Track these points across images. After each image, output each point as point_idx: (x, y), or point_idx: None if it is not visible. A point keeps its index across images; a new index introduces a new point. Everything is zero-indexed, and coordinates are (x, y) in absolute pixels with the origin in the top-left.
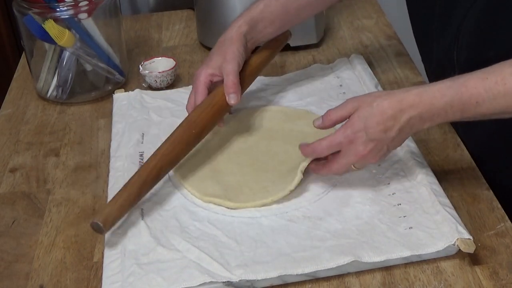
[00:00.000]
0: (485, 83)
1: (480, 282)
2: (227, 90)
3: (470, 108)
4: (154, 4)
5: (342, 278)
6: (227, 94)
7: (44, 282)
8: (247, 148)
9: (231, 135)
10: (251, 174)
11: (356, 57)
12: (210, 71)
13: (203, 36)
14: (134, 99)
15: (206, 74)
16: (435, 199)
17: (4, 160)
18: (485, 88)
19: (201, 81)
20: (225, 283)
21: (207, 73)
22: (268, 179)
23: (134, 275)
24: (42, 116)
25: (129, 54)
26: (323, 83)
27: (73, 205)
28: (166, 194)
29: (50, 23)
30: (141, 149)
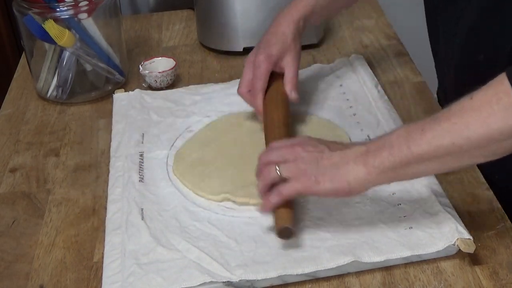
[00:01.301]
0: (434, 115)
1: (480, 282)
2: (288, 85)
3: (415, 137)
4: (154, 4)
5: (342, 278)
6: (289, 90)
7: (44, 282)
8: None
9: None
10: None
11: (356, 57)
12: (273, 60)
13: (203, 36)
14: (134, 99)
15: (269, 63)
16: (435, 199)
17: (4, 160)
18: (433, 117)
19: (264, 69)
20: (225, 283)
21: (270, 62)
22: None
23: (134, 275)
24: (42, 116)
25: (129, 54)
26: (323, 83)
27: (73, 205)
28: (166, 194)
29: (50, 23)
30: (141, 149)
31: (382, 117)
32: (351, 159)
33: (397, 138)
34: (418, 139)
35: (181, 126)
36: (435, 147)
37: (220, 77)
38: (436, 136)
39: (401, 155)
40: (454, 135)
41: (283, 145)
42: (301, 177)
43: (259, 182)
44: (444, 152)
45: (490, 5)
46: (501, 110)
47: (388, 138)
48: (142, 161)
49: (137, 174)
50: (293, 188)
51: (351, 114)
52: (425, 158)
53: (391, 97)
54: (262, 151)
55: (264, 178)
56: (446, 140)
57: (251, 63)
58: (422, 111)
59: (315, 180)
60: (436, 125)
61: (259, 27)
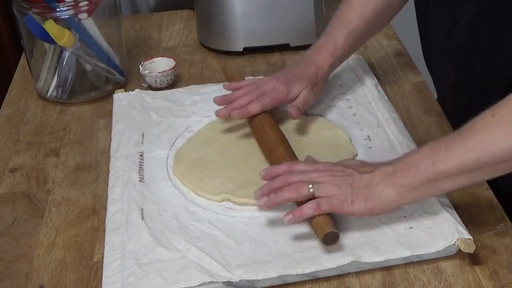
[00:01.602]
0: (457, 132)
1: (480, 282)
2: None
3: (440, 155)
4: (154, 4)
5: (342, 278)
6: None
7: (44, 282)
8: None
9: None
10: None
11: (356, 57)
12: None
13: (203, 36)
14: (134, 99)
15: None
16: (435, 199)
17: (4, 160)
18: (455, 134)
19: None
20: (225, 283)
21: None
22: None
23: (134, 275)
24: (42, 116)
25: (129, 54)
26: None
27: (73, 205)
28: (166, 194)
29: (50, 23)
30: (141, 149)
31: (382, 117)
32: (380, 180)
33: (423, 158)
34: (443, 157)
35: (181, 126)
36: (460, 164)
37: (220, 77)
38: (461, 154)
39: (427, 173)
40: (479, 151)
41: (310, 169)
42: (336, 196)
43: (282, 198)
44: (470, 168)
45: (482, 16)
46: None
47: (413, 157)
48: (142, 161)
49: (137, 174)
50: (331, 204)
51: (351, 114)
52: (452, 174)
53: (391, 97)
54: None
55: (293, 193)
56: (471, 157)
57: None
58: (422, 111)
59: (350, 200)
60: (461, 142)
61: (259, 27)
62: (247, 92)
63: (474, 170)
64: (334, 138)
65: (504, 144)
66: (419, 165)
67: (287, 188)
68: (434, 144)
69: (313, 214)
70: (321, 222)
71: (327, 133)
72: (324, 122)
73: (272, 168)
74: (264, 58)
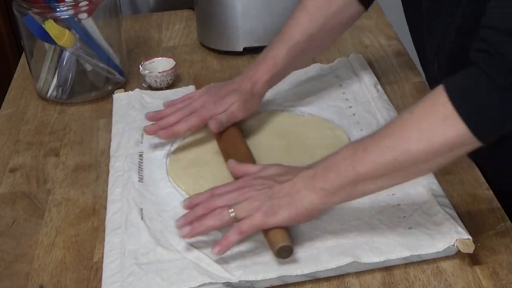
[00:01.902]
0: (375, 133)
1: (480, 282)
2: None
3: (359, 156)
4: (154, 4)
5: (342, 278)
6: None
7: (44, 282)
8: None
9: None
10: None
11: (356, 57)
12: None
13: (203, 36)
14: (134, 99)
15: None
16: (434, 200)
17: (4, 160)
18: (373, 135)
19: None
20: (224, 283)
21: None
22: None
23: (134, 275)
24: (42, 116)
25: (129, 54)
26: (323, 83)
27: (73, 205)
28: (165, 194)
29: (50, 23)
30: (141, 149)
31: (382, 117)
32: (302, 186)
33: (343, 160)
34: (362, 158)
35: None
36: (379, 165)
37: (220, 77)
38: (379, 154)
39: (347, 175)
40: (396, 151)
41: (229, 189)
42: (257, 213)
43: (205, 226)
44: (388, 169)
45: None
46: (440, 124)
47: (334, 159)
48: (141, 161)
49: (137, 174)
50: (252, 224)
51: (351, 114)
52: (372, 176)
53: (391, 97)
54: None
55: (216, 221)
56: (388, 157)
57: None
58: None
59: (272, 212)
60: (378, 142)
61: (259, 27)
62: (177, 110)
63: (393, 171)
64: (333, 138)
65: (420, 143)
66: (339, 167)
67: (209, 216)
68: (354, 145)
69: (239, 239)
70: (273, 238)
71: (326, 132)
72: (323, 121)
73: (194, 197)
74: None
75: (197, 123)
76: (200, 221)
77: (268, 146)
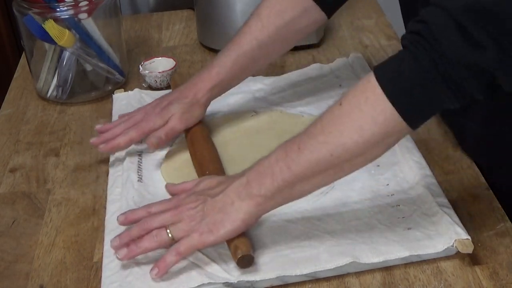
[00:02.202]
0: (307, 130)
1: (480, 282)
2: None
3: (293, 156)
4: (154, 4)
5: (342, 278)
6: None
7: (44, 282)
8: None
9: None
10: None
11: (356, 57)
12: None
13: (203, 36)
14: (134, 99)
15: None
16: (433, 200)
17: (4, 160)
18: (306, 132)
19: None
20: (224, 284)
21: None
22: None
23: (133, 275)
24: (42, 116)
25: (129, 54)
26: (323, 83)
27: (73, 205)
28: (165, 194)
29: (50, 23)
30: (140, 149)
31: None
32: (235, 197)
33: (276, 162)
34: (296, 158)
35: None
36: (314, 162)
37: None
38: (313, 151)
39: (283, 177)
40: (331, 146)
41: (165, 208)
42: (193, 233)
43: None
44: (324, 166)
45: None
46: (370, 110)
47: (267, 162)
48: (140, 161)
49: (136, 174)
50: (190, 244)
51: None
52: (308, 175)
53: None
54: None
55: (153, 243)
56: (323, 153)
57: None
58: None
59: (208, 231)
60: (311, 139)
61: None
62: (122, 121)
63: (329, 167)
64: None
65: (355, 134)
66: (274, 170)
67: (147, 238)
68: (287, 145)
69: (178, 260)
70: (233, 248)
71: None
72: None
73: (129, 213)
74: None
75: (136, 136)
76: (137, 244)
77: (268, 146)
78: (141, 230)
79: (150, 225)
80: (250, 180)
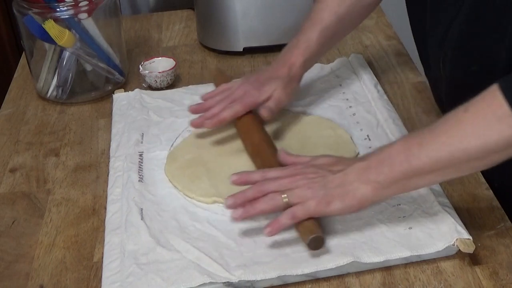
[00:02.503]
0: (431, 127)
1: (480, 282)
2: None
3: (414, 152)
4: (154, 4)
5: (342, 278)
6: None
7: (44, 282)
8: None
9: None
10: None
11: (356, 57)
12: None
13: (203, 36)
14: (134, 99)
15: (256, 97)
16: (434, 199)
17: (4, 160)
18: (430, 129)
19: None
20: (224, 283)
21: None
22: None
23: (134, 275)
24: (42, 116)
25: (129, 54)
26: (323, 83)
27: (73, 205)
28: (165, 194)
29: (50, 23)
30: (141, 149)
31: (382, 117)
32: (355, 178)
33: (397, 153)
34: (417, 153)
35: (180, 126)
36: (434, 160)
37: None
38: (434, 149)
39: (402, 169)
40: (452, 148)
41: (282, 175)
42: (310, 200)
43: (258, 210)
44: (443, 165)
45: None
46: (496, 123)
47: (388, 152)
48: (141, 161)
49: (137, 174)
50: (306, 210)
51: (351, 114)
52: (426, 171)
53: (391, 97)
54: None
55: (268, 206)
56: (444, 153)
57: (242, 90)
58: (422, 111)
59: (325, 202)
60: (434, 138)
61: (259, 27)
62: (219, 100)
63: (447, 167)
64: (335, 137)
65: (476, 141)
66: (394, 161)
67: (262, 200)
68: (409, 139)
69: (291, 224)
70: (305, 228)
71: (327, 132)
72: (324, 121)
73: (244, 175)
74: (264, 58)
75: (242, 110)
76: (252, 205)
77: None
78: (257, 192)
79: (266, 188)
80: (370, 165)
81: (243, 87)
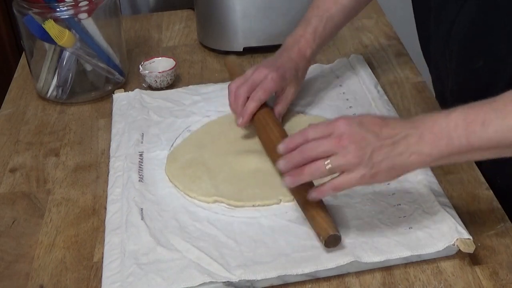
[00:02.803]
0: (493, 105)
1: (480, 282)
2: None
3: (475, 129)
4: (154, 4)
5: (342, 278)
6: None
7: (44, 282)
8: (247, 148)
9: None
10: (254, 175)
11: (356, 57)
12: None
13: (203, 36)
14: (134, 99)
15: (279, 85)
16: (435, 199)
17: (4, 160)
18: (492, 107)
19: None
20: (225, 283)
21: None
22: (270, 181)
23: (134, 275)
24: (42, 116)
25: (129, 54)
26: (323, 83)
27: (73, 205)
28: (165, 194)
29: (50, 23)
30: (141, 149)
31: None
32: (404, 149)
33: (455, 128)
34: (479, 132)
35: (181, 126)
36: (495, 141)
37: (220, 77)
38: (499, 131)
39: (460, 145)
40: None
41: (321, 134)
42: (355, 172)
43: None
44: (504, 145)
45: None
46: None
47: (445, 124)
48: (141, 161)
49: (137, 174)
50: (349, 183)
51: (351, 114)
52: (483, 149)
53: (391, 97)
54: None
55: (312, 175)
56: (508, 135)
57: (261, 73)
58: (422, 111)
59: (370, 175)
60: (499, 119)
61: (259, 27)
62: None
63: (507, 147)
64: None
65: None
66: (452, 135)
67: (307, 169)
68: (468, 114)
69: (332, 194)
70: (323, 224)
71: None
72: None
73: (288, 141)
74: (264, 58)
75: (264, 98)
76: (299, 173)
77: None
78: (302, 159)
79: (309, 156)
80: (423, 137)
81: (258, 72)
